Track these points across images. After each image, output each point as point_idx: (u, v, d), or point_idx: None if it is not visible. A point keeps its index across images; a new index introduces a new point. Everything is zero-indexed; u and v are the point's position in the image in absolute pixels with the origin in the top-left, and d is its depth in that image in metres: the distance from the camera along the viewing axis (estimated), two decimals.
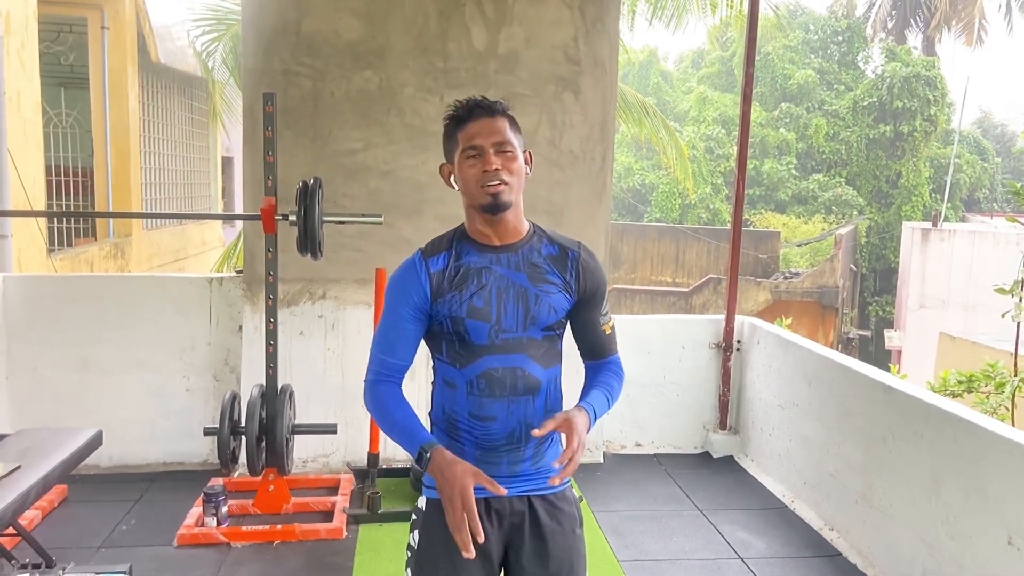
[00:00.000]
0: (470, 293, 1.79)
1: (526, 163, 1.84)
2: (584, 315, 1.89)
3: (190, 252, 10.22)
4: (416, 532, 1.88)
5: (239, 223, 11.68)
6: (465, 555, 1.64)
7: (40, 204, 5.91)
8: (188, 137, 10.83)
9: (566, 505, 1.89)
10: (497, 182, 1.75)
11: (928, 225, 15.94)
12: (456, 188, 1.84)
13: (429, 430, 1.91)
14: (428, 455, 1.71)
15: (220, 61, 9.39)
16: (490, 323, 1.79)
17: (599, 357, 1.94)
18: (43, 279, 4.90)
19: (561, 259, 1.86)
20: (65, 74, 8.29)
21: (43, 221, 5.99)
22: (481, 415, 1.80)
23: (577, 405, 1.81)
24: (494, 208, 1.78)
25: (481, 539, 1.65)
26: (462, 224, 1.88)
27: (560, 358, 1.90)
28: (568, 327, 1.93)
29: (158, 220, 9.47)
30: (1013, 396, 5.87)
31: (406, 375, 1.88)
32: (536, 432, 1.71)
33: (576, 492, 1.97)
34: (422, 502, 1.89)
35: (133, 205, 7.94)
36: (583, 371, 1.98)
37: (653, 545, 3.76)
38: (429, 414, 1.94)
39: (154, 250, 8.87)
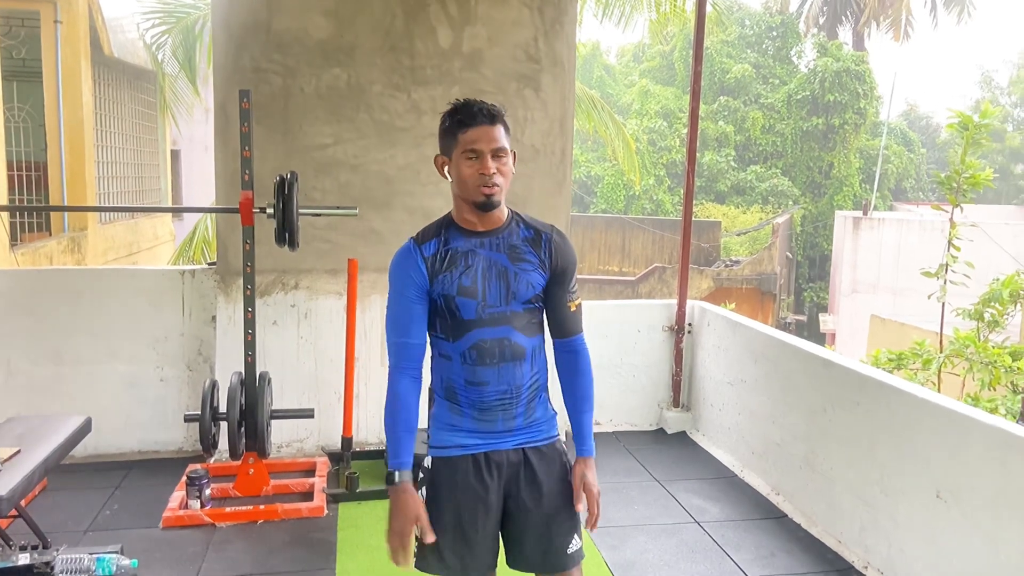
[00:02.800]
0: (459, 273, 2.02)
1: (513, 163, 2.06)
2: (553, 291, 2.12)
3: (143, 246, 10.15)
4: (424, 488, 2.10)
5: (188, 217, 11.63)
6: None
7: (3, 199, 5.88)
8: (138, 130, 10.72)
9: (556, 455, 2.15)
10: (492, 185, 1.98)
11: (859, 214, 16.69)
12: (448, 179, 2.05)
13: (430, 398, 2.15)
14: (396, 478, 2.01)
15: (170, 54, 9.36)
16: (477, 300, 2.02)
17: (565, 335, 2.16)
18: (15, 273, 4.93)
19: (536, 240, 2.10)
20: (17, 68, 8.14)
21: (5, 216, 5.97)
22: (475, 381, 2.04)
23: (580, 455, 2.13)
24: (486, 206, 2.01)
25: (408, 562, 2.02)
26: (449, 213, 2.11)
27: (542, 328, 2.15)
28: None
29: (113, 214, 9.39)
30: (939, 371, 6.35)
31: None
32: (579, 508, 2.11)
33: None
34: (428, 461, 2.12)
35: (88, 199, 7.88)
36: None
37: (617, 513, 4.04)
38: (430, 385, 2.15)
39: (109, 244, 8.81)
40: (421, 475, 2.12)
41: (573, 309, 2.15)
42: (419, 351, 2.07)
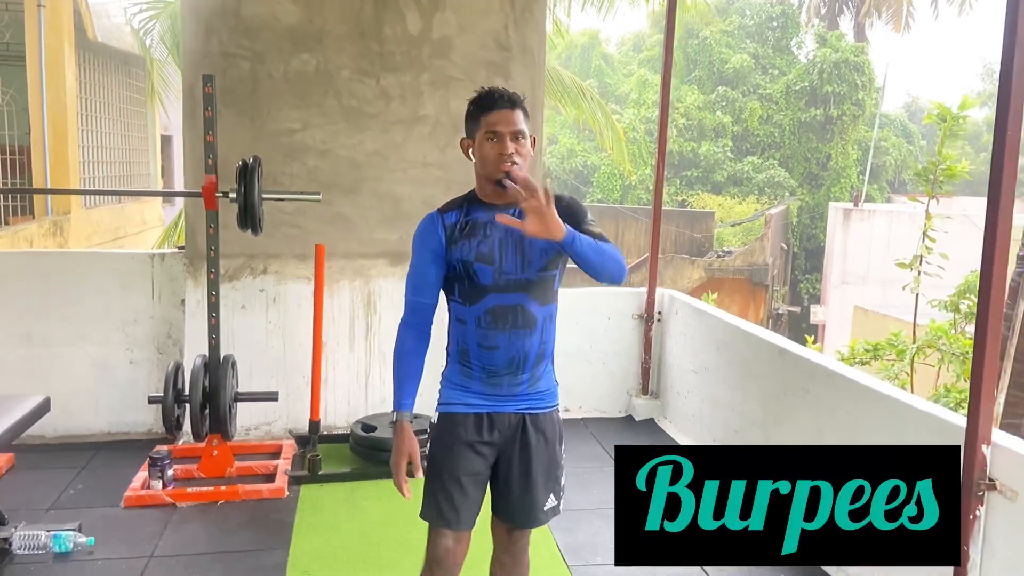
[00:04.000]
0: (478, 241, 2.18)
1: (531, 147, 2.21)
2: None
3: (130, 231, 10.19)
4: (430, 442, 2.31)
5: (179, 202, 11.65)
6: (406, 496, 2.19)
7: None
8: (126, 115, 10.75)
9: (551, 423, 2.32)
10: (511, 164, 2.12)
11: (850, 205, 16.69)
12: (473, 160, 2.23)
13: (445, 361, 2.32)
14: (395, 420, 2.21)
15: (158, 39, 9.37)
16: (494, 266, 2.18)
17: None
18: None
19: None
20: (1, 52, 8.19)
21: None
22: (487, 345, 2.21)
23: None
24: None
25: (409, 496, 2.20)
26: (472, 189, 2.27)
27: (556, 297, 2.29)
28: (563, 268, 2.27)
29: (98, 198, 9.42)
30: (912, 362, 6.38)
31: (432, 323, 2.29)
32: (506, 182, 2.08)
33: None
34: (435, 417, 2.31)
35: (71, 183, 7.92)
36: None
37: (575, 497, 4.06)
38: (446, 348, 2.32)
39: (93, 228, 8.85)
40: (428, 430, 2.32)
41: (596, 232, 2.19)
42: (428, 309, 2.26)
